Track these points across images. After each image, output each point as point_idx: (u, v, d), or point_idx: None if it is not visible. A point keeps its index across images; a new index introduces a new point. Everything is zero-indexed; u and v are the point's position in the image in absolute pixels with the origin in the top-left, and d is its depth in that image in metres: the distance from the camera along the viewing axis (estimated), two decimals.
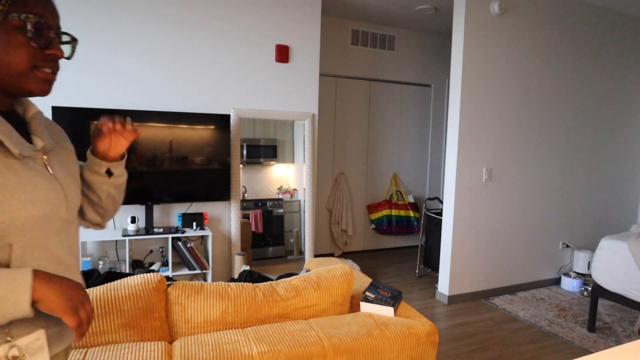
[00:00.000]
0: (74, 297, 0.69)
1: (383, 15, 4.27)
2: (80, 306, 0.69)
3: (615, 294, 2.73)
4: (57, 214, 0.77)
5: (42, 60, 0.73)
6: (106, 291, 1.44)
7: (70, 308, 0.68)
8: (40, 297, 0.66)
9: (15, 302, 0.64)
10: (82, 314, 0.69)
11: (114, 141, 0.91)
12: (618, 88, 4.06)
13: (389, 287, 1.86)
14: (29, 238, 0.72)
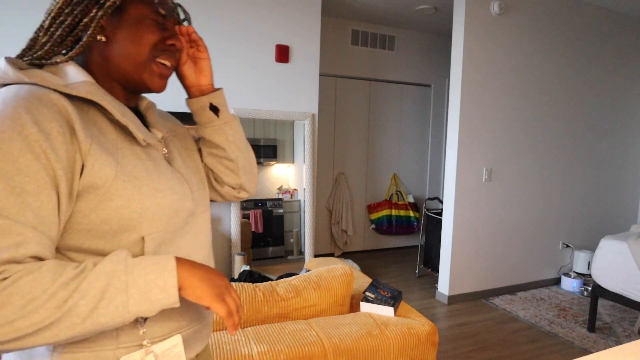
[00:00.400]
0: (218, 284, 0.65)
1: (383, 15, 4.27)
2: (227, 293, 0.65)
3: (615, 294, 2.73)
4: (184, 205, 0.72)
5: (161, 51, 0.72)
6: None
7: (217, 295, 0.64)
8: (185, 283, 0.62)
9: (162, 288, 0.59)
10: (229, 302, 0.65)
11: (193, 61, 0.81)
12: (618, 88, 4.06)
13: (389, 287, 1.86)
14: (159, 230, 0.68)
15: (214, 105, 0.84)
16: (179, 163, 0.78)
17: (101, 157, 0.61)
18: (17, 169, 0.54)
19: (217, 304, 0.63)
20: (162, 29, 0.71)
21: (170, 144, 0.79)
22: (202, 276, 0.64)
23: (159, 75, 0.73)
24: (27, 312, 0.51)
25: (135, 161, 0.67)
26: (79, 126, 0.60)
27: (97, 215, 0.62)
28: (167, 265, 0.61)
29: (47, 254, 0.57)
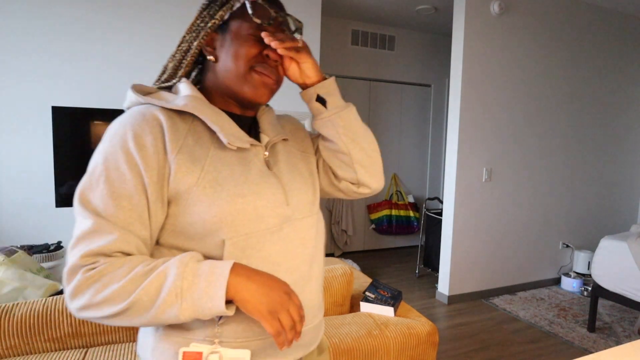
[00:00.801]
0: (273, 299, 0.63)
1: (383, 15, 4.27)
2: (281, 311, 0.63)
3: (615, 294, 2.73)
4: (273, 211, 0.73)
5: (259, 63, 0.74)
6: None
7: (268, 312, 0.63)
8: (236, 296, 0.62)
9: (211, 298, 0.61)
10: (283, 319, 0.63)
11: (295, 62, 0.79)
12: (618, 88, 4.06)
13: (389, 287, 1.86)
14: (242, 235, 0.69)
15: (321, 97, 0.81)
16: (282, 167, 0.79)
17: (185, 165, 0.67)
18: (117, 177, 0.64)
19: (267, 322, 0.63)
20: (258, 42, 0.74)
21: (278, 148, 0.82)
22: (256, 290, 0.63)
23: (262, 84, 0.75)
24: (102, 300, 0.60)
25: (222, 167, 0.70)
26: (168, 137, 0.67)
27: (184, 218, 0.68)
28: (220, 274, 0.62)
29: (133, 250, 0.65)
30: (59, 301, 1.39)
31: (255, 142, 0.76)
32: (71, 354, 1.33)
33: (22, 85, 2.78)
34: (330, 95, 0.81)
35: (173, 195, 0.67)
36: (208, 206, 0.67)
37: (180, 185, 0.67)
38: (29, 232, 2.88)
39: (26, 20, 2.75)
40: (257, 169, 0.74)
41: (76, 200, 0.64)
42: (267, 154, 0.78)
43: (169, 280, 0.60)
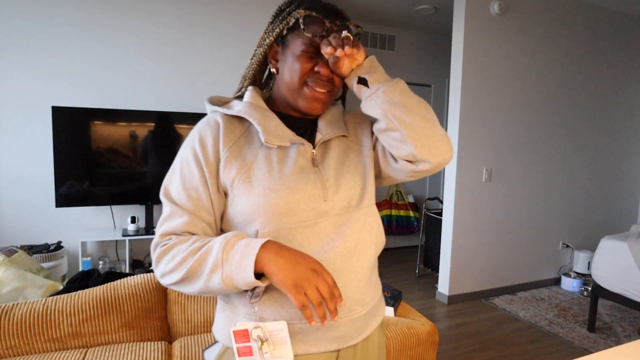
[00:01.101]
0: (300, 274, 0.67)
1: (383, 15, 4.27)
2: (308, 286, 0.66)
3: (615, 294, 2.73)
4: (308, 205, 0.77)
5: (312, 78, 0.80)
6: (106, 291, 1.44)
7: (294, 285, 0.66)
8: (265, 268, 0.68)
9: (243, 268, 0.68)
10: (310, 293, 0.66)
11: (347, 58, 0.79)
12: (618, 88, 4.06)
13: (389, 287, 1.86)
14: (274, 226, 0.75)
15: (362, 77, 0.79)
16: (331, 163, 0.83)
17: (230, 161, 0.78)
18: (187, 172, 0.78)
19: (292, 294, 0.67)
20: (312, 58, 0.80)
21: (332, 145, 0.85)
22: (283, 265, 0.67)
23: (313, 99, 0.81)
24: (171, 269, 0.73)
25: (262, 164, 0.78)
26: (222, 137, 0.79)
27: (231, 208, 0.79)
28: (253, 248, 0.69)
29: (199, 231, 0.77)
30: (59, 301, 1.39)
31: (301, 140, 0.81)
32: (71, 354, 1.33)
33: (22, 85, 2.78)
34: (370, 74, 0.78)
35: (223, 186, 0.79)
36: (246, 198, 0.76)
37: (226, 178, 0.78)
38: (29, 232, 2.88)
39: (26, 20, 2.75)
40: (298, 165, 0.79)
41: (161, 192, 0.80)
42: (315, 152, 0.82)
43: (213, 252, 0.70)
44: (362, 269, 0.81)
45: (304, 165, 0.79)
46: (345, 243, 0.78)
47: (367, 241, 0.82)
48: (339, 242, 0.78)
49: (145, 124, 2.95)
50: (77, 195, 2.81)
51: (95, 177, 2.85)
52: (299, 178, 0.78)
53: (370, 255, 0.83)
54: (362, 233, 0.81)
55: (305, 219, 0.76)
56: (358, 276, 0.80)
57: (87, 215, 3.02)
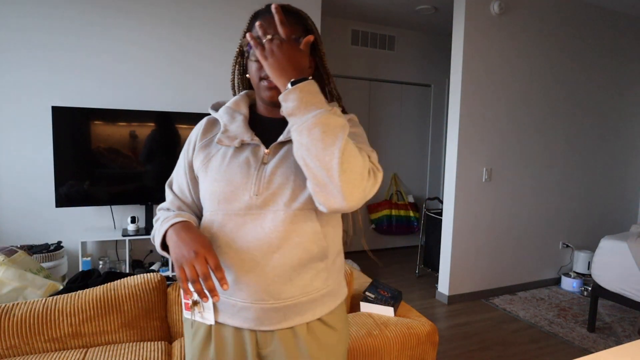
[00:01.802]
0: (180, 253, 0.79)
1: (383, 15, 4.27)
2: (185, 263, 0.77)
3: (615, 294, 2.73)
4: (240, 197, 0.85)
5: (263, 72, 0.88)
6: (106, 291, 1.44)
7: (175, 260, 0.79)
8: (167, 242, 0.85)
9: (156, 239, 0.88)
10: (186, 270, 0.77)
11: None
12: (618, 88, 4.06)
13: (389, 287, 1.86)
14: (213, 211, 0.89)
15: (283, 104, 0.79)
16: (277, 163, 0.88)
17: (199, 153, 0.94)
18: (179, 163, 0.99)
19: (177, 268, 0.78)
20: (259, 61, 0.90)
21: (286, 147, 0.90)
22: (174, 243, 0.81)
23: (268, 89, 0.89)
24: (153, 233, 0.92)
25: (219, 158, 0.91)
26: (200, 135, 0.97)
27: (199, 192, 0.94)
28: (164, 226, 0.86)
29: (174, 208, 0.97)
30: (59, 301, 1.39)
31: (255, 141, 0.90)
32: (71, 354, 1.33)
33: (22, 86, 2.78)
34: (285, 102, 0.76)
35: (195, 173, 0.95)
36: (202, 184, 0.92)
37: (195, 167, 0.95)
38: (29, 232, 2.88)
39: (26, 20, 2.75)
40: (244, 162, 0.88)
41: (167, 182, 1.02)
42: (269, 151, 0.89)
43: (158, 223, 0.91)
44: (283, 267, 0.85)
45: (251, 162, 0.88)
46: (268, 238, 0.83)
47: (294, 242, 0.84)
48: (262, 236, 0.84)
49: (145, 124, 2.95)
50: (77, 195, 2.81)
51: (95, 177, 2.85)
52: (239, 172, 0.87)
53: (296, 256, 0.85)
54: (290, 234, 0.84)
55: (237, 209, 0.85)
56: (275, 272, 0.85)
57: (87, 215, 3.02)
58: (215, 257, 0.78)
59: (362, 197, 0.78)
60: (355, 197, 0.76)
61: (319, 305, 0.91)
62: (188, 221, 0.86)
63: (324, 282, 0.91)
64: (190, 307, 0.91)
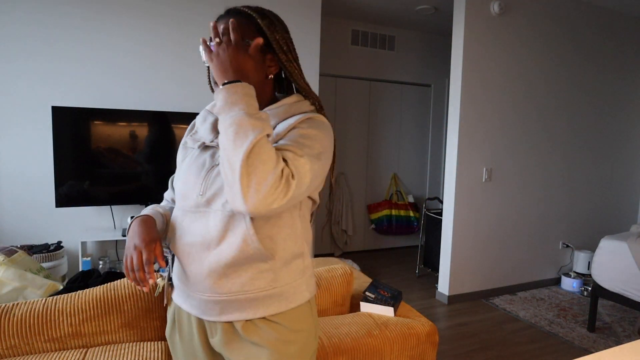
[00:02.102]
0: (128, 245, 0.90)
1: (383, 15, 4.27)
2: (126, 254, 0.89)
3: (615, 294, 2.73)
4: (190, 196, 0.92)
5: None
6: (106, 291, 1.44)
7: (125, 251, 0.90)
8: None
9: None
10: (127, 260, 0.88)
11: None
12: (618, 87, 4.06)
13: (389, 287, 1.86)
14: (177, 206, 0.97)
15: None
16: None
17: (180, 152, 1.05)
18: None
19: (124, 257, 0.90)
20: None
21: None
22: (128, 235, 0.92)
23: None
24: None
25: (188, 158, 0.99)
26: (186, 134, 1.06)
27: None
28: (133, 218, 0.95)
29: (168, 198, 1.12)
30: (59, 301, 1.39)
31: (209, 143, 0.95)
32: (71, 354, 1.33)
33: (22, 85, 2.78)
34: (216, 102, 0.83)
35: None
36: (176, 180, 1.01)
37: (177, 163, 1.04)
38: (29, 232, 2.88)
39: (26, 20, 2.75)
40: (202, 162, 0.94)
41: None
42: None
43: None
44: (218, 263, 0.88)
45: (206, 163, 0.93)
46: (209, 235, 0.89)
47: (229, 242, 0.87)
48: (205, 232, 0.89)
49: (145, 124, 2.95)
50: (77, 195, 2.81)
51: (95, 177, 2.85)
52: (193, 173, 0.94)
53: (230, 255, 0.87)
54: (226, 233, 0.87)
55: (189, 206, 0.92)
56: (211, 267, 0.89)
57: (87, 215, 3.02)
58: (150, 253, 0.87)
59: (265, 203, 0.76)
60: (256, 202, 0.75)
61: (262, 305, 0.90)
62: (148, 216, 0.96)
63: (270, 283, 0.90)
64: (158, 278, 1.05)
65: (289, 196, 0.78)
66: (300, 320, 0.95)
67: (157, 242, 0.96)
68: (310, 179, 0.83)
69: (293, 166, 0.81)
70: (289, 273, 0.93)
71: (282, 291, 0.92)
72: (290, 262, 0.93)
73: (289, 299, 0.93)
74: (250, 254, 0.87)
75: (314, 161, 0.85)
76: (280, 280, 0.91)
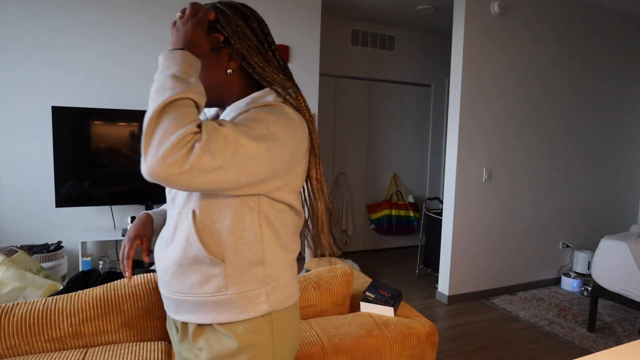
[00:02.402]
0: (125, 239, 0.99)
1: (383, 15, 4.27)
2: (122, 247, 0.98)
3: (615, 294, 2.73)
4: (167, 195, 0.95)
5: None
6: (106, 291, 1.44)
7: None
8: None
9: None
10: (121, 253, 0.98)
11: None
12: (618, 88, 4.06)
13: (389, 287, 1.86)
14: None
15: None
16: None
17: None
18: None
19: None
20: None
21: None
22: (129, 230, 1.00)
23: None
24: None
25: None
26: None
27: None
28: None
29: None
30: (59, 301, 1.39)
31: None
32: (71, 354, 1.33)
33: (22, 85, 2.78)
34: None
35: None
36: None
37: None
38: (29, 232, 2.88)
39: (26, 20, 2.75)
40: None
41: None
42: None
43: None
44: (170, 261, 0.89)
45: None
46: (165, 233, 0.92)
47: (177, 241, 0.88)
48: (165, 230, 0.93)
49: None
50: (77, 195, 2.81)
51: (95, 177, 2.85)
52: None
53: (177, 255, 0.88)
54: (176, 231, 0.89)
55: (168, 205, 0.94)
56: (165, 264, 0.91)
57: (87, 215, 3.02)
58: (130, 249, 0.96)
59: (164, 165, 0.67)
60: (153, 161, 0.68)
61: (213, 311, 0.86)
62: (147, 213, 1.04)
63: (219, 289, 0.86)
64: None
65: (192, 163, 0.68)
66: (252, 335, 0.86)
67: (144, 239, 1.00)
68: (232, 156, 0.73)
69: (207, 133, 0.70)
70: (243, 281, 0.86)
71: (234, 299, 0.86)
72: (245, 270, 0.86)
73: (241, 308, 0.86)
74: (195, 254, 0.85)
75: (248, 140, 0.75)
76: (231, 287, 0.86)
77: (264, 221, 0.87)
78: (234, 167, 0.74)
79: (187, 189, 0.72)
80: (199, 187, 0.72)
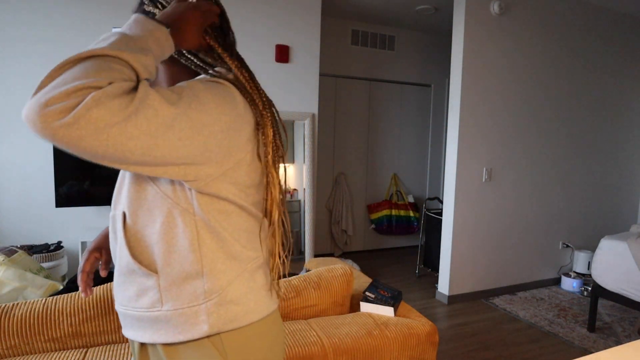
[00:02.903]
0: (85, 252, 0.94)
1: (383, 15, 4.27)
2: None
3: (615, 294, 2.73)
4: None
5: None
6: (106, 291, 1.44)
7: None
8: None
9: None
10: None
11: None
12: (618, 88, 4.06)
13: (389, 287, 1.86)
14: None
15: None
16: None
17: None
18: None
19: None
20: None
21: None
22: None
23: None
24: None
25: None
26: None
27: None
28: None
29: None
30: (59, 301, 1.39)
31: None
32: (71, 354, 1.33)
33: (22, 86, 2.78)
34: None
35: None
36: None
37: None
38: (29, 232, 2.88)
39: (26, 20, 2.75)
40: None
41: None
42: None
43: None
44: (118, 271, 0.79)
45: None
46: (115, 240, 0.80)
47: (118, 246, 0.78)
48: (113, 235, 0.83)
49: None
50: (77, 195, 2.81)
51: (95, 177, 2.85)
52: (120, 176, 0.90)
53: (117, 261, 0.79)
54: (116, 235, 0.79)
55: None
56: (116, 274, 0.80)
57: (87, 215, 3.02)
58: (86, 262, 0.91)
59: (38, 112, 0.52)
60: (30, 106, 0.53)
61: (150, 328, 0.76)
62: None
63: (154, 304, 0.75)
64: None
65: (77, 115, 0.52)
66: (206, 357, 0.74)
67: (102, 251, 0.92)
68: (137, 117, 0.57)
69: (113, 87, 0.55)
70: (179, 296, 0.74)
71: (169, 317, 0.74)
72: (181, 283, 0.74)
73: (178, 328, 0.74)
74: (127, 262, 0.76)
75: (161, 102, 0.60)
76: (166, 302, 0.74)
77: (202, 225, 0.73)
78: (139, 132, 0.58)
79: (79, 152, 0.56)
80: (93, 150, 0.57)
